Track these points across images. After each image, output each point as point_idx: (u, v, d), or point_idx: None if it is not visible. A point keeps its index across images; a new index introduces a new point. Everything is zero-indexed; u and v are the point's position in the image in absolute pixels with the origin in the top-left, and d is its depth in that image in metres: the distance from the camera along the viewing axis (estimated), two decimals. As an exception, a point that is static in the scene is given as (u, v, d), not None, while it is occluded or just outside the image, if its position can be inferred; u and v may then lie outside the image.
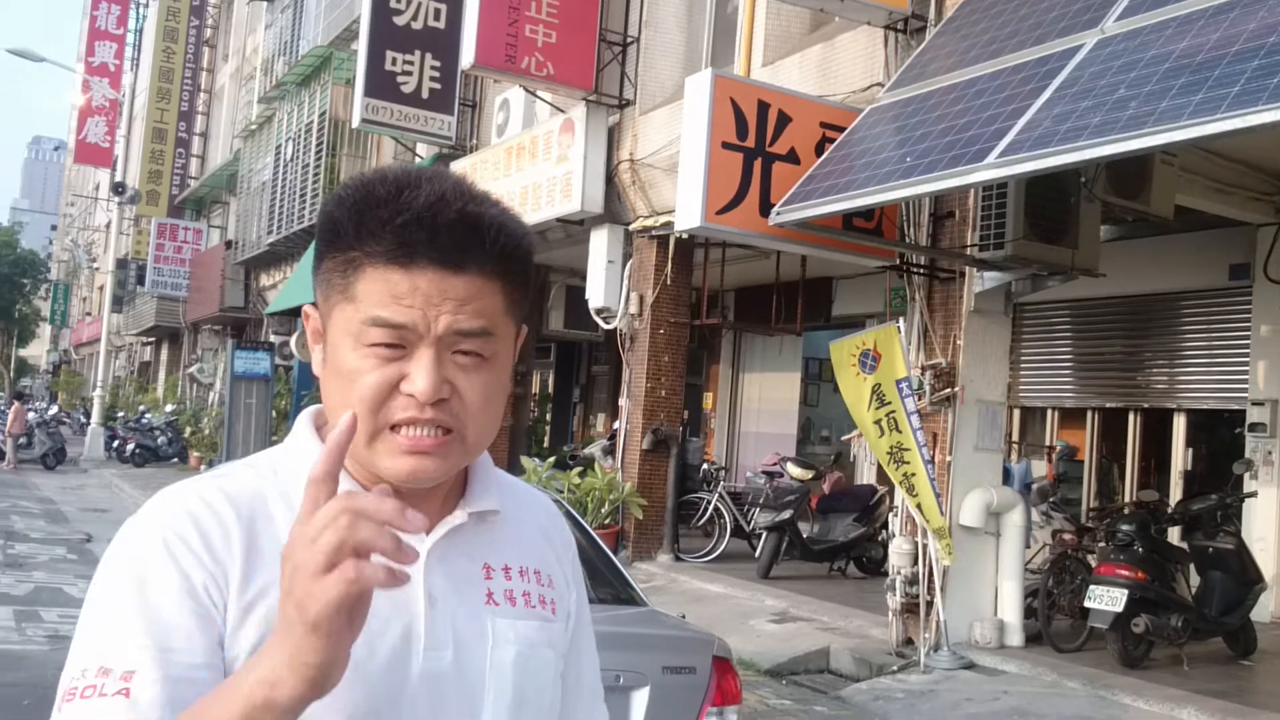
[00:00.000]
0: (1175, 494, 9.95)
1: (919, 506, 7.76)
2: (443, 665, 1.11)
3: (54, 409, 31.79)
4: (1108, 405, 10.97)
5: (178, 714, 0.96)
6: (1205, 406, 10.08)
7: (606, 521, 11.19)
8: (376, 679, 1.06)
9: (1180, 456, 10.36)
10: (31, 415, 24.66)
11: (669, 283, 11.66)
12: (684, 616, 5.33)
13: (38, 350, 73.32)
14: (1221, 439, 10.36)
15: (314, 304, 1.15)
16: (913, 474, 7.73)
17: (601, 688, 1.38)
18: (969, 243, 8.28)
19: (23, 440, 22.90)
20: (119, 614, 1.01)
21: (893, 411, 7.82)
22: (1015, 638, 8.33)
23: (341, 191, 1.09)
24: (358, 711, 1.04)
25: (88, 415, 29.92)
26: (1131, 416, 10.82)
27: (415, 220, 1.04)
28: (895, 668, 7.85)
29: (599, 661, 1.38)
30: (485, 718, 1.13)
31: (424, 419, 1.05)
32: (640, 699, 3.78)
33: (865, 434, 8.14)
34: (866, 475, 13.34)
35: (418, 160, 16.15)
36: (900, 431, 7.77)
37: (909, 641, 8.20)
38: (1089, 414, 11.24)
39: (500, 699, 1.14)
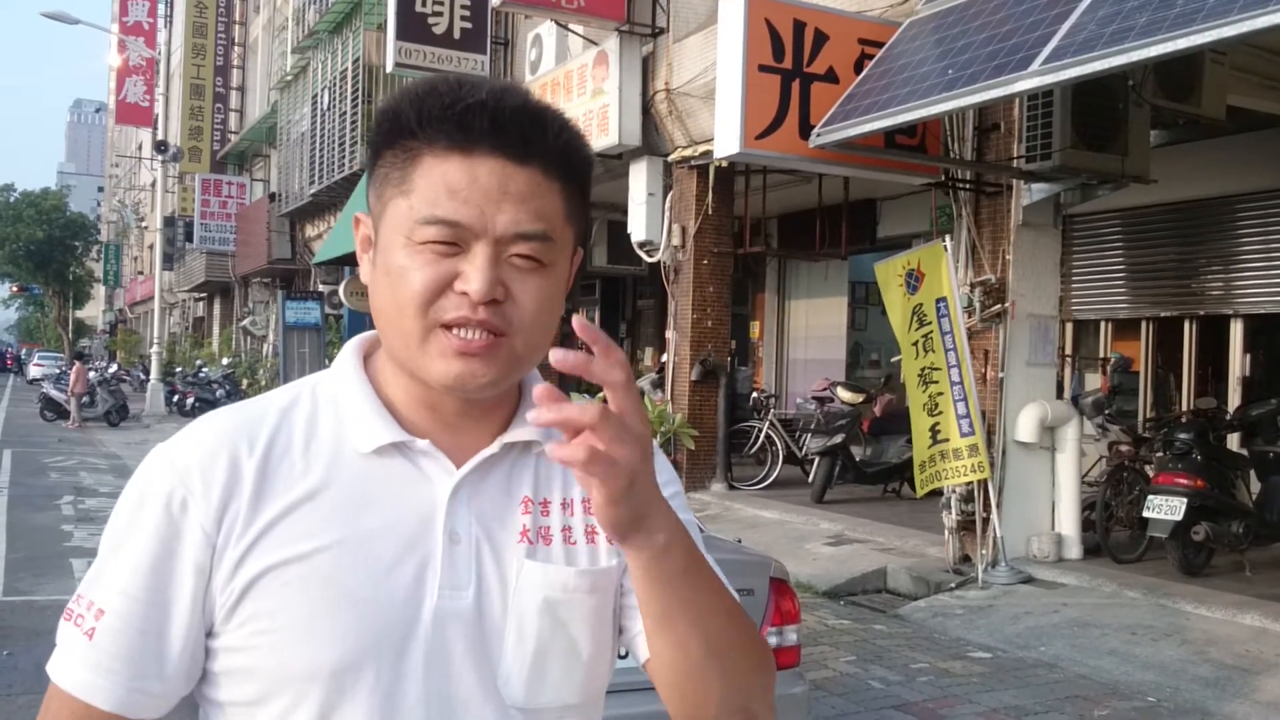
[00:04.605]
0: (1234, 401, 9.81)
1: (932, 428, 7.78)
2: (461, 606, 1.06)
3: (113, 367, 32.44)
4: (1162, 314, 10.78)
5: (131, 665, 1.02)
6: (1262, 311, 9.86)
7: (659, 453, 11.26)
8: (381, 616, 1.03)
9: (1238, 363, 10.18)
10: (92, 375, 25.23)
11: (710, 212, 11.57)
12: (739, 541, 5.37)
13: (93, 311, 74.72)
14: (1280, 343, 10.18)
15: (366, 213, 1.11)
16: (939, 393, 7.75)
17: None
18: (1015, 155, 8.13)
19: (86, 399, 23.43)
20: (108, 552, 1.05)
21: (930, 332, 7.80)
22: (1073, 551, 8.32)
23: (403, 89, 1.07)
24: (358, 646, 1.02)
25: (146, 372, 30.50)
26: (1187, 325, 10.63)
27: (479, 105, 1.01)
28: (953, 585, 7.88)
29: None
30: (505, 664, 1.07)
31: (475, 320, 1.01)
32: (700, 621, 3.84)
33: (904, 356, 8.12)
34: (918, 396, 13.28)
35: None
36: (934, 352, 7.76)
37: (966, 559, 8.22)
38: (1143, 324, 11.05)
39: (522, 646, 1.08)
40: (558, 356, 0.89)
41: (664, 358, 12.78)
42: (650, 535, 0.96)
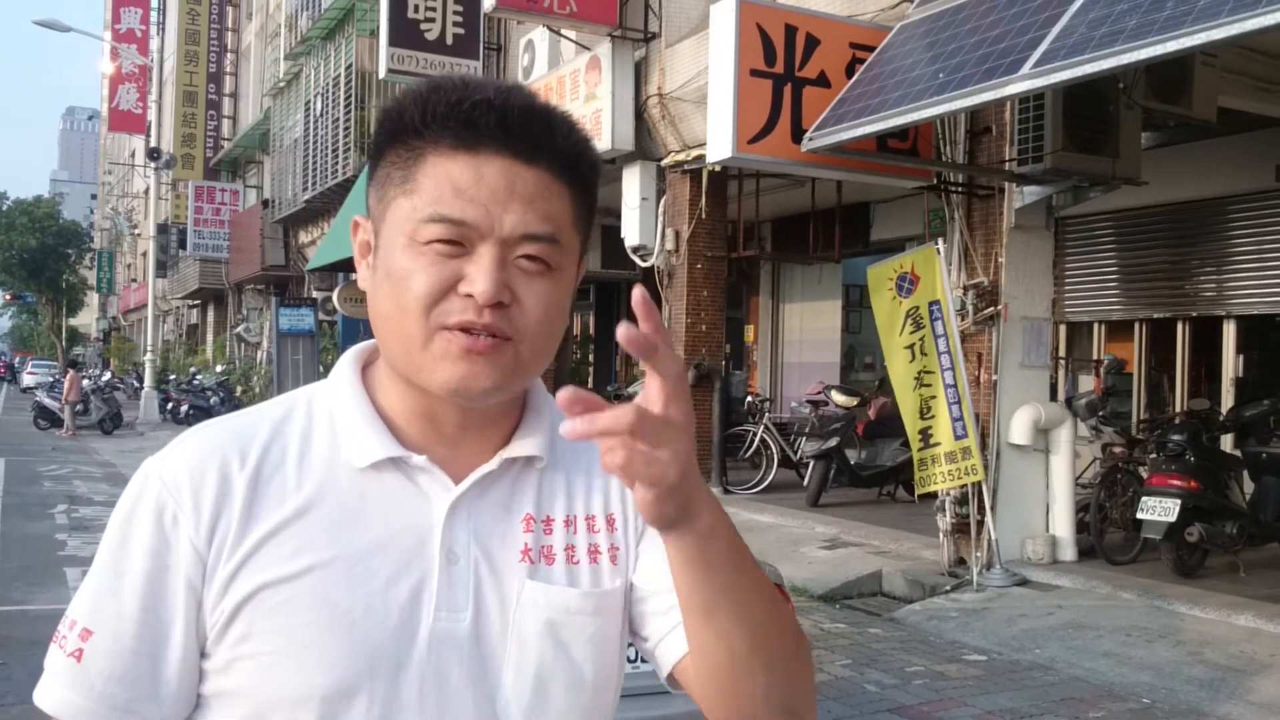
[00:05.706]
0: (1227, 402, 9.82)
1: (924, 431, 7.80)
2: (459, 629, 1.02)
3: (107, 375, 32.39)
4: (1155, 316, 10.80)
5: (126, 688, 0.99)
6: (1255, 312, 9.89)
7: (654, 458, 11.25)
8: (375, 638, 1.00)
9: (1231, 364, 10.20)
10: (86, 382, 25.15)
11: (704, 217, 11.58)
12: (734, 545, 5.40)
13: (87, 319, 74.48)
14: (1273, 344, 10.19)
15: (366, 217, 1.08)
16: (932, 397, 7.78)
17: None
18: (1007, 157, 8.15)
19: (80, 407, 23.36)
20: (99, 571, 1.02)
21: (924, 336, 7.83)
22: (1068, 553, 8.33)
23: (406, 90, 1.04)
24: (351, 670, 0.99)
25: (140, 380, 30.46)
26: (1180, 326, 10.65)
27: (485, 103, 0.98)
28: (948, 588, 7.88)
29: None
30: (504, 690, 1.04)
31: (480, 324, 0.97)
32: (694, 626, 3.83)
33: (891, 359, 8.10)
34: (912, 399, 13.29)
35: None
36: (926, 355, 7.79)
37: (961, 561, 8.22)
38: (1137, 325, 11.08)
39: (522, 670, 1.04)
40: (622, 334, 0.83)
41: (658, 362, 12.77)
42: (693, 521, 0.91)
